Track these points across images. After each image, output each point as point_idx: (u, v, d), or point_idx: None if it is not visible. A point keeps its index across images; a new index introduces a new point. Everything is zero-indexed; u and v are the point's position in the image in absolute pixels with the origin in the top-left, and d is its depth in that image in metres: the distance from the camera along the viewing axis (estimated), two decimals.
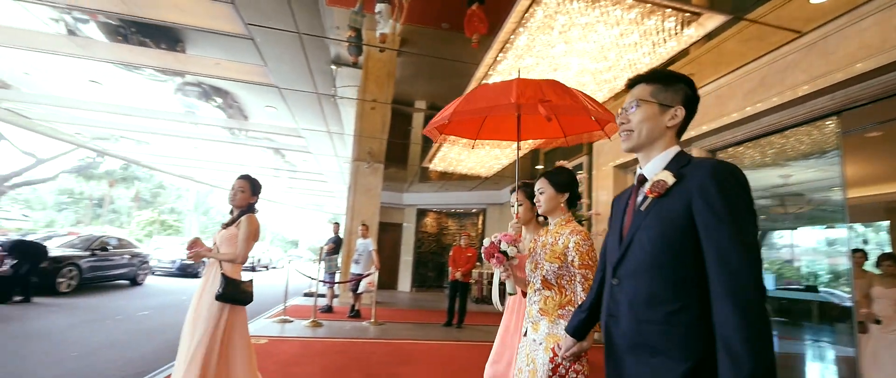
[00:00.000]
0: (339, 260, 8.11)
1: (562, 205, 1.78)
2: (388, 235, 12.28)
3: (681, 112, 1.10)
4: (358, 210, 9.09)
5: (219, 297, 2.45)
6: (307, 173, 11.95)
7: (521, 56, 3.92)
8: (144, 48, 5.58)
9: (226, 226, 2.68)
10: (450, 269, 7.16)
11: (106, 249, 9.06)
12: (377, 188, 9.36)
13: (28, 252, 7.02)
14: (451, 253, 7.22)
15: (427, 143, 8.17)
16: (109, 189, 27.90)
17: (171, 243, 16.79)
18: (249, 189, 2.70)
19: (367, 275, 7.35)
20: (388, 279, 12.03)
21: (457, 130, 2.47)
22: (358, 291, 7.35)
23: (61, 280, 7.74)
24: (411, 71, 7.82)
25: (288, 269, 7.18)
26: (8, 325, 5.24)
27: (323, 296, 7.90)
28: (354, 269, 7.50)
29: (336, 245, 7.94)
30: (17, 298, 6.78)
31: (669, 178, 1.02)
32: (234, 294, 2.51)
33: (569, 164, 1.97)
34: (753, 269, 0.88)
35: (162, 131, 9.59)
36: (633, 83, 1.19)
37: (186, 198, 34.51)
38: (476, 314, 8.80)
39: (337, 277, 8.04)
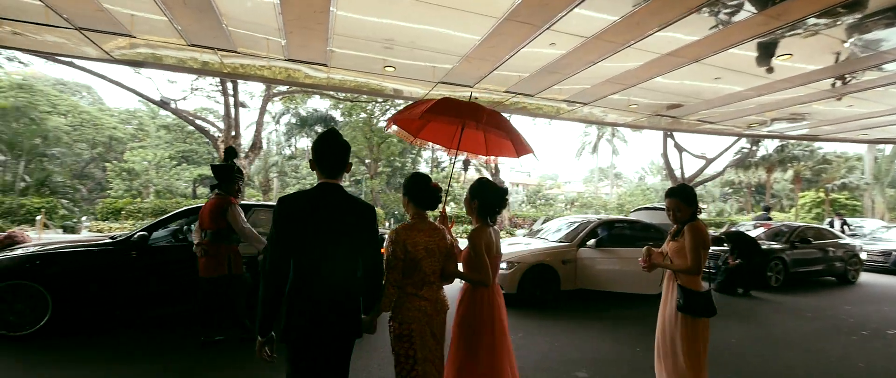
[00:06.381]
0: None
1: None
2: None
3: (308, 161, 1.94)
4: None
5: (679, 309, 2.46)
6: None
7: None
8: None
9: (673, 238, 2.63)
10: None
11: (807, 241, 7.97)
12: None
13: (745, 244, 7.01)
14: None
15: None
16: (767, 174, 27.53)
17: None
18: (683, 204, 2.55)
19: None
20: None
21: (407, 127, 3.01)
22: None
23: (770, 274, 7.45)
24: None
25: None
26: (747, 325, 5.25)
27: None
28: None
29: None
30: (740, 291, 7.05)
31: None
32: (695, 306, 2.45)
33: None
34: (264, 263, 1.83)
35: (813, 98, 7.18)
36: None
37: (860, 169, 27.63)
38: None
39: None
